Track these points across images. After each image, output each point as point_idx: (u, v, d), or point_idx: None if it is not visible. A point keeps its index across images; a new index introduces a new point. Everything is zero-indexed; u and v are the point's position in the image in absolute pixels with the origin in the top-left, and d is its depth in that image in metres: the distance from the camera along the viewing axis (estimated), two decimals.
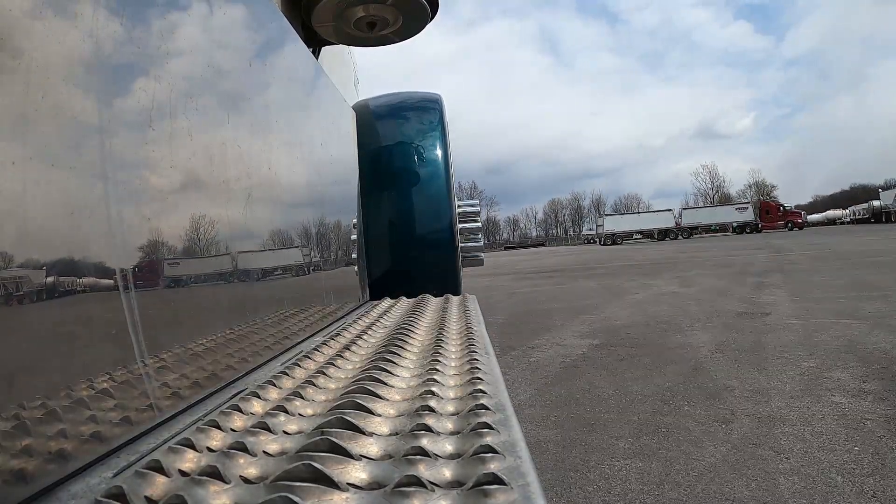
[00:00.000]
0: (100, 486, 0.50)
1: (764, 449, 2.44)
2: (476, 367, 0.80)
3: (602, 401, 3.32)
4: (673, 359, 4.15)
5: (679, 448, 2.53)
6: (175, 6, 0.83)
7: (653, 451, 2.53)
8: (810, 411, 2.83)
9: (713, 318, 5.73)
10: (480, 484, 0.42)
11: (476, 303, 1.71)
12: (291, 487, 0.44)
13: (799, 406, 2.93)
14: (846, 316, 5.18)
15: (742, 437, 2.59)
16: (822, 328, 4.74)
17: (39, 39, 0.52)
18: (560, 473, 2.39)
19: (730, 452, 2.44)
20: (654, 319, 5.91)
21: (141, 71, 0.70)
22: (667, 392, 3.36)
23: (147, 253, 0.71)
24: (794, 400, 3.02)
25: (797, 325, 4.96)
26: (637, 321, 5.89)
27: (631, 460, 2.45)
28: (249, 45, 1.16)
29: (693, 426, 2.78)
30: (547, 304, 7.91)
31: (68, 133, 0.56)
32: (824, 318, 5.21)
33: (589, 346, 4.87)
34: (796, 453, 2.37)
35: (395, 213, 2.42)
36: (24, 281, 0.50)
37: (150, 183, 0.72)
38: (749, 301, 6.67)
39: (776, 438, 2.54)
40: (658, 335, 5.09)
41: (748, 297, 7.05)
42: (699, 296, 7.53)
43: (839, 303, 5.93)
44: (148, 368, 0.66)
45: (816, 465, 2.25)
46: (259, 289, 1.12)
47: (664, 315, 6.14)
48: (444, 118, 2.54)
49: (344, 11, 2.01)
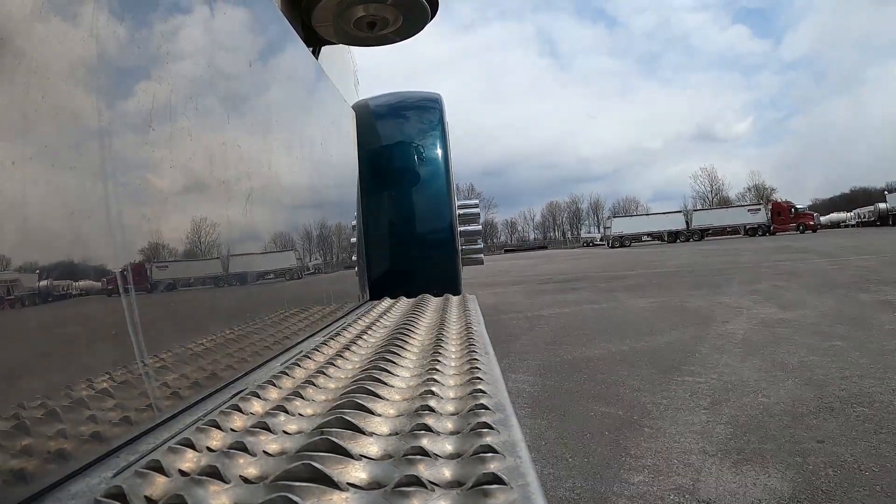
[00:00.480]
0: (100, 485, 0.50)
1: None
2: (476, 367, 0.80)
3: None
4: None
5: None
6: (175, 6, 0.83)
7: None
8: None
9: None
10: (480, 484, 0.42)
11: (476, 303, 1.71)
12: (291, 487, 0.44)
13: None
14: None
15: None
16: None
17: (40, 40, 0.52)
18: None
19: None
20: (837, 397, 2.72)
21: (141, 71, 0.70)
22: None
23: (147, 253, 0.71)
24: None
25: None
26: (808, 404, 2.66)
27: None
28: (249, 44, 1.16)
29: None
30: (597, 347, 4.39)
31: (68, 133, 0.56)
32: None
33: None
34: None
35: (395, 213, 2.42)
36: (25, 281, 0.50)
37: (150, 183, 0.72)
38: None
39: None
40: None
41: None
42: (833, 328, 4.38)
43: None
44: (148, 368, 0.66)
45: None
46: (259, 289, 1.12)
47: (833, 377, 3.04)
48: (444, 118, 2.54)
49: (344, 11, 2.01)
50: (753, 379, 3.16)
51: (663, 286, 8.88)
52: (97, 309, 0.60)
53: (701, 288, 8.09)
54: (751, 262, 12.48)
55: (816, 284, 7.39)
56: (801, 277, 8.50)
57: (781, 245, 19.74)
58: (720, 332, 4.66)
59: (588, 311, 6.63)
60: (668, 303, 6.77)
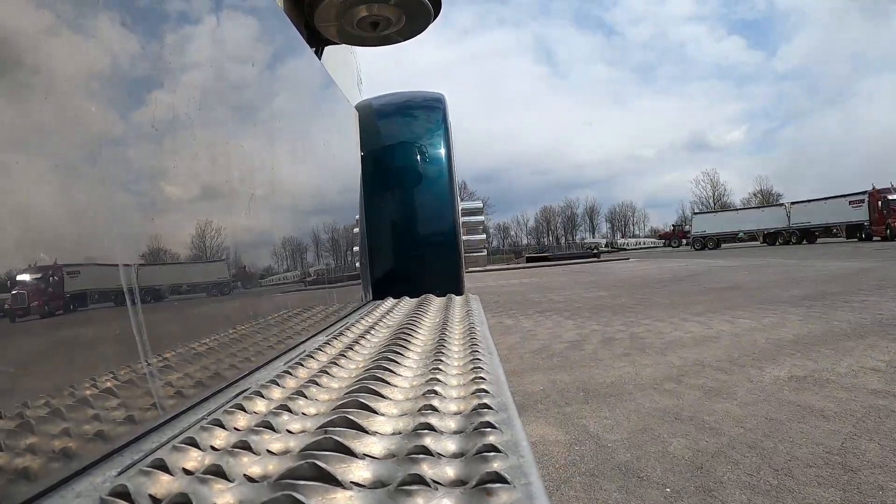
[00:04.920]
0: (104, 484, 0.50)
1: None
2: (479, 367, 0.80)
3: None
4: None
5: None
6: (177, 6, 0.83)
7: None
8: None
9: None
10: (483, 483, 0.42)
11: (479, 303, 1.71)
12: (295, 486, 0.44)
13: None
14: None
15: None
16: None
17: (40, 40, 0.52)
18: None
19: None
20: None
21: (143, 71, 0.71)
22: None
23: (150, 252, 0.71)
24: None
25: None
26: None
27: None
28: (252, 44, 1.16)
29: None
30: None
31: (69, 132, 0.56)
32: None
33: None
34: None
35: (398, 213, 2.42)
36: (29, 280, 0.50)
37: (153, 182, 0.72)
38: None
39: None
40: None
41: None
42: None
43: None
44: (152, 367, 0.66)
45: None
46: (262, 288, 1.12)
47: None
48: (447, 118, 2.54)
49: (347, 11, 2.01)
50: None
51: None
52: (101, 308, 0.60)
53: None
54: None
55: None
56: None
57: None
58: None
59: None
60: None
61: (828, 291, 7.56)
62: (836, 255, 16.84)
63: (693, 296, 8.23)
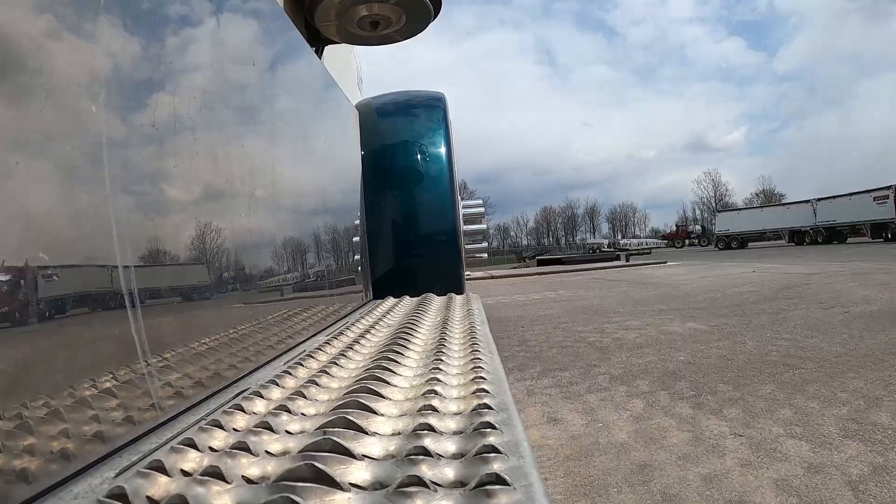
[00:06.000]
0: (102, 486, 0.50)
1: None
2: (479, 367, 0.80)
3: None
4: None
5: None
6: (177, 6, 0.82)
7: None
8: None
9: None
10: (483, 484, 0.42)
11: (479, 302, 1.71)
12: (293, 487, 0.44)
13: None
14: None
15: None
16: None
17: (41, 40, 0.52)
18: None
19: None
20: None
21: (144, 71, 0.70)
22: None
23: (150, 253, 0.71)
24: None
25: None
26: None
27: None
28: (252, 43, 1.15)
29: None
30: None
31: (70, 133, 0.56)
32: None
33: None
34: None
35: (399, 212, 2.42)
36: (28, 281, 0.50)
37: (153, 181, 0.72)
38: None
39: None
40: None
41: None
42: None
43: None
44: (150, 368, 0.66)
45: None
46: (262, 288, 1.12)
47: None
48: (448, 117, 2.54)
49: (347, 10, 2.01)
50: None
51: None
52: (100, 308, 0.60)
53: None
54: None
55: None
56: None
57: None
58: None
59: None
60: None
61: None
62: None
63: (866, 335, 3.44)
